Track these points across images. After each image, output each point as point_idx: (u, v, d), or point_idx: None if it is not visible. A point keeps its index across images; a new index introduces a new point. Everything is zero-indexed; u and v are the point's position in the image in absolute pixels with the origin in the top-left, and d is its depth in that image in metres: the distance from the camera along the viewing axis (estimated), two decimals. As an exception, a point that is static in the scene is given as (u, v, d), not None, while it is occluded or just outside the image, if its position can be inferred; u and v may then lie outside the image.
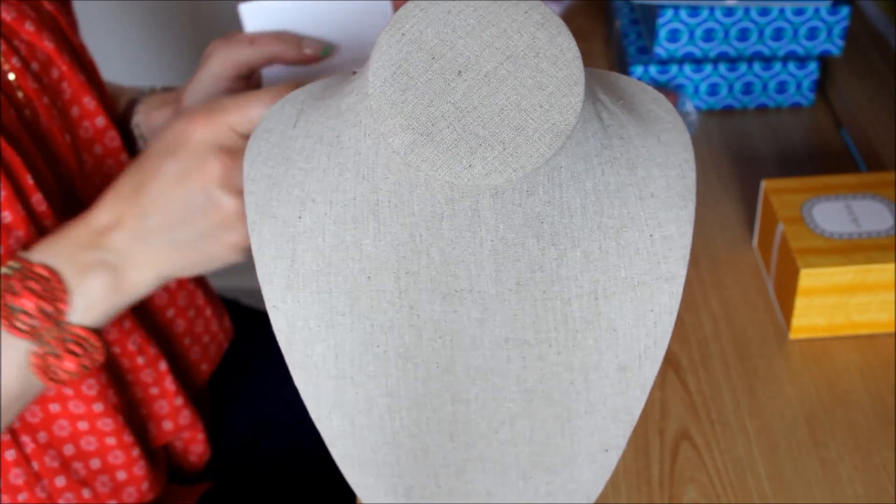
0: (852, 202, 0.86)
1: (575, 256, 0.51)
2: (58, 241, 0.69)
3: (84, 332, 0.69)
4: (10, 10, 0.77)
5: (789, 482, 0.74)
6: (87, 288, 0.68)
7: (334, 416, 0.57)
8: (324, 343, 0.54)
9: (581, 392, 0.55)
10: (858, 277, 0.80)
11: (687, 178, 0.54)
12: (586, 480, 0.59)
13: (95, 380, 0.79)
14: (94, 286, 0.68)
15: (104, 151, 0.83)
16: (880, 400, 0.79)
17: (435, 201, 0.49)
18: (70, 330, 0.68)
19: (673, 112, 0.56)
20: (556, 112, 0.47)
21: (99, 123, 0.82)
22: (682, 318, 0.86)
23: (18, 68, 0.76)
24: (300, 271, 0.53)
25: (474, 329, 0.53)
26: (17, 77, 0.76)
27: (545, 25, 0.49)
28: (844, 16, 1.03)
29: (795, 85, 1.09)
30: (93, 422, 0.79)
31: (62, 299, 0.68)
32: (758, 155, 1.04)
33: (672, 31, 1.04)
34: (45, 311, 0.67)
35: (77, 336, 0.69)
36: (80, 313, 0.68)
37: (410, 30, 0.48)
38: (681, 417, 0.78)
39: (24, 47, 0.77)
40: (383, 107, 0.47)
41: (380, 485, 0.60)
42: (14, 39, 0.77)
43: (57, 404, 0.79)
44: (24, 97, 0.77)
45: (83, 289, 0.68)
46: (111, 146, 0.83)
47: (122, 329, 0.81)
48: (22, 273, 0.67)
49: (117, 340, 0.82)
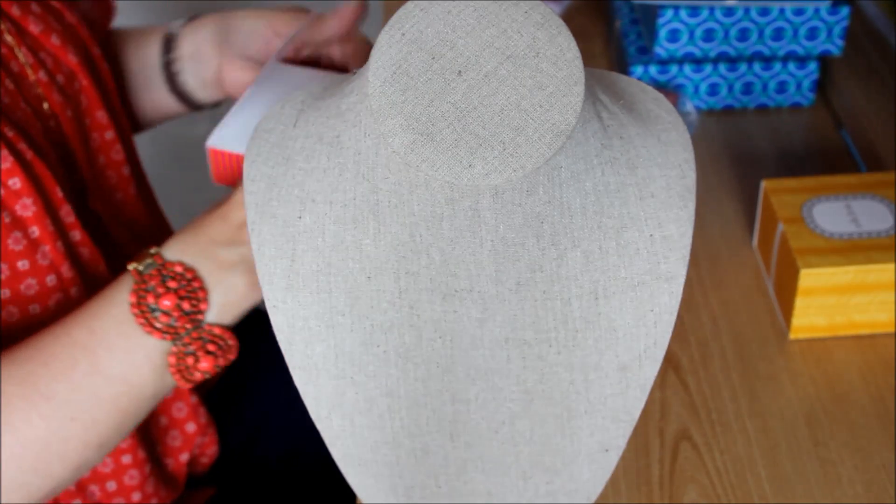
0: (852, 202, 0.86)
1: (575, 256, 0.51)
2: (194, 237, 0.68)
3: (220, 332, 0.68)
4: (37, 22, 0.76)
5: (789, 482, 0.73)
6: (226, 286, 0.67)
7: (334, 416, 0.57)
8: (324, 343, 0.54)
9: (581, 392, 0.55)
10: (858, 277, 0.80)
11: (687, 178, 0.54)
12: (586, 480, 0.59)
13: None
14: (233, 285, 0.67)
15: (107, 163, 0.83)
16: (880, 400, 0.79)
17: (435, 201, 0.49)
18: (208, 330, 0.67)
19: (673, 112, 0.56)
20: (556, 112, 0.47)
21: (107, 136, 0.83)
22: (682, 318, 0.86)
23: (45, 81, 0.76)
24: (300, 271, 0.53)
25: (474, 329, 0.53)
26: (44, 89, 0.76)
27: (545, 25, 0.49)
28: (844, 16, 1.03)
29: (795, 85, 1.09)
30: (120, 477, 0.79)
31: (202, 298, 0.67)
32: (758, 155, 1.04)
33: (672, 31, 1.04)
34: (185, 311, 0.66)
35: (214, 336, 0.68)
36: (218, 312, 0.67)
37: (410, 30, 0.48)
38: (681, 417, 0.78)
39: (50, 60, 0.77)
40: (383, 107, 0.47)
41: (380, 485, 0.60)
42: (41, 52, 0.77)
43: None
44: (49, 109, 0.76)
45: (222, 287, 0.67)
46: (115, 159, 0.84)
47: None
48: (159, 271, 0.66)
49: None
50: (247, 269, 0.67)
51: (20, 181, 0.69)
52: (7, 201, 0.69)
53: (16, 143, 0.70)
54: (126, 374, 0.67)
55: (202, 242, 0.68)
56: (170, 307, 0.66)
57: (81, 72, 0.79)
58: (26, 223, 0.70)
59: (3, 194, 0.69)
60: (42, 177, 0.71)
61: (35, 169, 0.71)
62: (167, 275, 0.66)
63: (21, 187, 0.69)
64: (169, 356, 0.67)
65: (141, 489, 0.80)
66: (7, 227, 0.69)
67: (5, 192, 0.69)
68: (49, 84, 0.77)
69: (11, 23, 0.75)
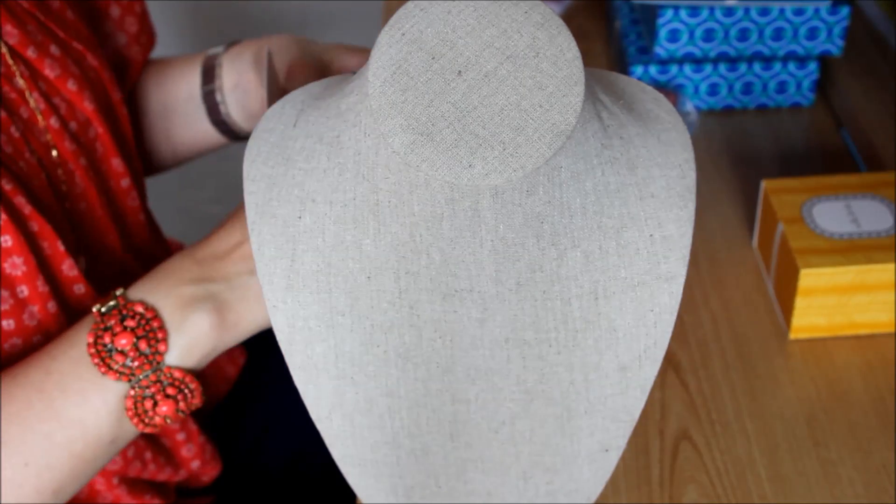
0: (852, 202, 0.86)
1: (575, 256, 0.51)
2: (161, 277, 0.66)
3: (181, 375, 0.65)
4: (54, 66, 0.74)
5: (789, 482, 0.73)
6: (189, 326, 0.64)
7: (334, 416, 0.57)
8: (324, 343, 0.54)
9: (581, 392, 0.55)
10: (858, 277, 0.80)
11: (687, 178, 0.54)
12: (586, 480, 0.59)
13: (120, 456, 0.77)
14: (197, 324, 0.64)
15: (125, 210, 0.82)
16: (880, 400, 0.79)
17: (435, 201, 0.49)
18: (167, 372, 0.64)
19: (673, 112, 0.56)
20: (556, 112, 0.47)
21: (124, 184, 0.81)
22: (682, 318, 0.86)
23: (56, 128, 0.74)
24: (300, 271, 0.53)
25: (474, 329, 0.53)
26: (54, 136, 0.74)
27: (545, 25, 0.49)
28: (844, 16, 1.03)
29: (795, 85, 1.09)
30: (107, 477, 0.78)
31: (160, 339, 0.64)
32: (758, 155, 1.04)
33: (672, 31, 1.04)
34: (142, 352, 0.64)
35: (174, 379, 0.65)
36: (179, 354, 0.64)
37: (410, 30, 0.48)
38: (681, 417, 0.78)
39: (64, 106, 0.75)
40: (383, 107, 0.47)
41: (380, 485, 0.60)
42: (55, 97, 0.75)
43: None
44: (59, 157, 0.74)
45: (184, 327, 0.64)
46: (131, 205, 0.82)
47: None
48: (119, 310, 0.64)
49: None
50: (211, 307, 0.65)
51: (11, 239, 0.67)
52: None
53: (12, 196, 0.68)
54: (81, 417, 0.64)
55: (168, 282, 0.65)
56: (126, 346, 0.64)
57: (97, 119, 0.77)
58: (14, 282, 0.68)
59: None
60: (40, 232, 0.69)
61: (30, 225, 0.69)
62: (126, 314, 0.64)
63: (12, 245, 0.67)
64: (126, 399, 0.65)
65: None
66: None
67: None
68: (60, 131, 0.74)
69: (25, 65, 0.73)
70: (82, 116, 0.77)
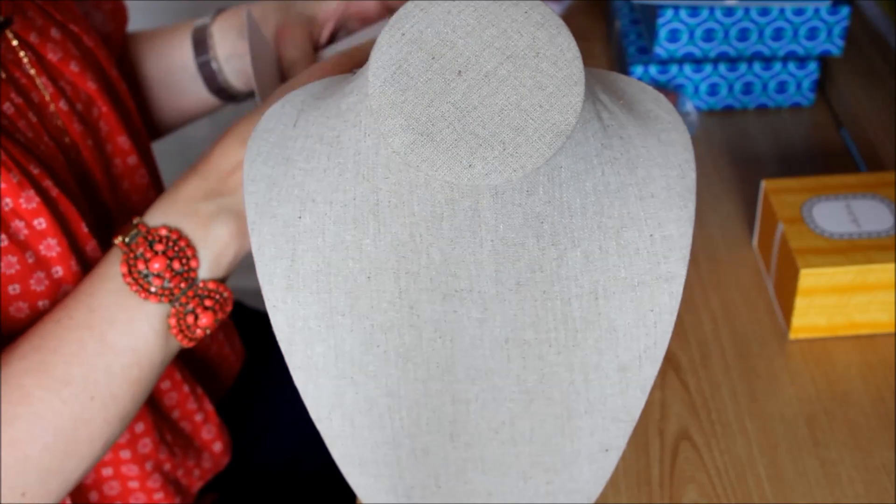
0: (852, 202, 0.86)
1: (575, 256, 0.51)
2: (173, 199, 0.68)
3: (215, 286, 0.68)
4: (56, 50, 0.76)
5: (789, 482, 0.73)
6: (213, 240, 0.67)
7: (334, 416, 0.57)
8: (324, 343, 0.54)
9: (581, 392, 0.55)
10: (858, 277, 0.80)
11: (687, 178, 0.54)
12: (586, 480, 0.59)
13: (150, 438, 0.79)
14: (220, 236, 0.68)
15: (131, 188, 0.83)
16: (880, 400, 0.79)
17: (435, 201, 0.49)
18: (203, 286, 0.68)
19: (673, 112, 0.56)
20: (556, 112, 0.47)
21: (130, 162, 0.83)
22: (682, 318, 0.86)
23: (66, 111, 0.76)
24: (300, 271, 0.53)
25: (474, 329, 0.53)
26: (64, 119, 0.76)
27: (545, 25, 0.49)
28: (844, 16, 1.03)
29: (795, 85, 1.09)
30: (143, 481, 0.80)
31: (191, 256, 0.67)
32: (758, 155, 1.04)
33: (672, 31, 1.04)
34: (177, 272, 0.67)
35: (210, 290, 0.68)
36: (210, 267, 0.68)
37: (410, 30, 0.48)
38: (681, 417, 0.78)
39: (69, 88, 0.77)
40: (383, 107, 0.47)
41: (380, 485, 0.60)
42: (60, 80, 0.76)
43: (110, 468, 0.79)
44: (70, 141, 0.76)
45: (209, 242, 0.67)
46: (140, 183, 0.84)
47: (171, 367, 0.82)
48: (145, 238, 0.67)
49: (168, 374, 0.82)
50: (228, 218, 0.68)
51: (45, 221, 0.69)
52: (32, 242, 0.69)
53: (41, 180, 0.70)
54: (133, 344, 0.67)
55: (181, 202, 0.68)
56: (161, 269, 0.66)
57: (101, 98, 0.79)
58: (50, 263, 0.70)
59: (28, 234, 0.69)
60: (67, 214, 0.71)
61: (60, 207, 0.71)
62: (153, 240, 0.67)
63: (46, 227, 0.69)
64: (169, 318, 0.68)
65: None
66: (30, 267, 0.69)
67: (30, 233, 0.69)
68: (69, 114, 0.76)
69: (32, 51, 0.74)
70: (85, 96, 0.78)
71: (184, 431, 0.85)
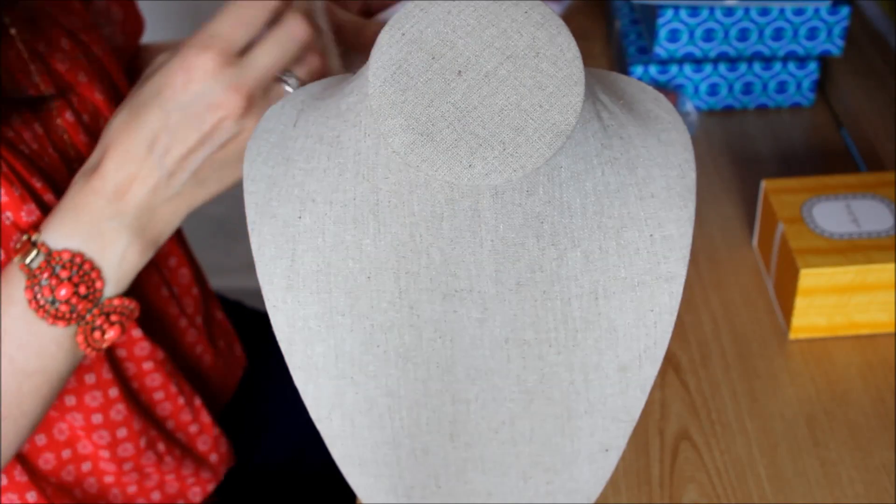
0: (852, 202, 0.86)
1: (575, 256, 0.51)
2: (75, 218, 0.67)
3: (120, 301, 0.68)
4: (65, 59, 0.76)
5: (789, 482, 0.74)
6: (118, 260, 0.67)
7: (334, 416, 0.57)
8: (324, 343, 0.54)
9: (581, 392, 0.55)
10: (858, 277, 0.80)
11: (687, 178, 0.54)
12: (586, 480, 0.59)
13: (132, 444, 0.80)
14: (125, 255, 0.67)
15: None
16: (880, 400, 0.79)
17: (435, 201, 0.49)
18: (108, 304, 0.68)
19: (673, 112, 0.56)
20: (556, 112, 0.47)
21: None
22: (682, 318, 0.86)
23: (71, 122, 0.75)
24: (300, 271, 0.53)
25: (474, 329, 0.53)
26: (70, 131, 0.75)
27: (545, 25, 0.49)
28: (844, 16, 1.03)
29: (795, 85, 1.09)
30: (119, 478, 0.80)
31: (96, 278, 0.67)
32: (758, 155, 1.04)
33: (672, 31, 1.04)
34: (83, 295, 0.67)
35: (115, 307, 0.68)
36: (115, 285, 0.68)
37: (410, 30, 0.48)
38: (681, 417, 0.78)
39: (76, 99, 0.76)
40: (383, 107, 0.47)
41: (380, 485, 0.60)
42: (67, 92, 0.76)
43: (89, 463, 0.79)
44: (76, 153, 0.76)
45: (114, 262, 0.67)
46: None
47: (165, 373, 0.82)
48: (48, 263, 0.66)
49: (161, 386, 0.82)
50: (131, 235, 0.67)
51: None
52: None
53: (43, 194, 0.70)
54: (42, 365, 0.68)
55: (84, 224, 0.67)
56: (67, 295, 0.66)
57: (108, 109, 0.78)
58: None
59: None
60: None
61: None
62: (57, 265, 0.66)
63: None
64: (77, 336, 0.68)
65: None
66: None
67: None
68: (75, 125, 0.76)
69: (40, 61, 0.74)
70: (92, 107, 0.78)
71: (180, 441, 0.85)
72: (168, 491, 0.84)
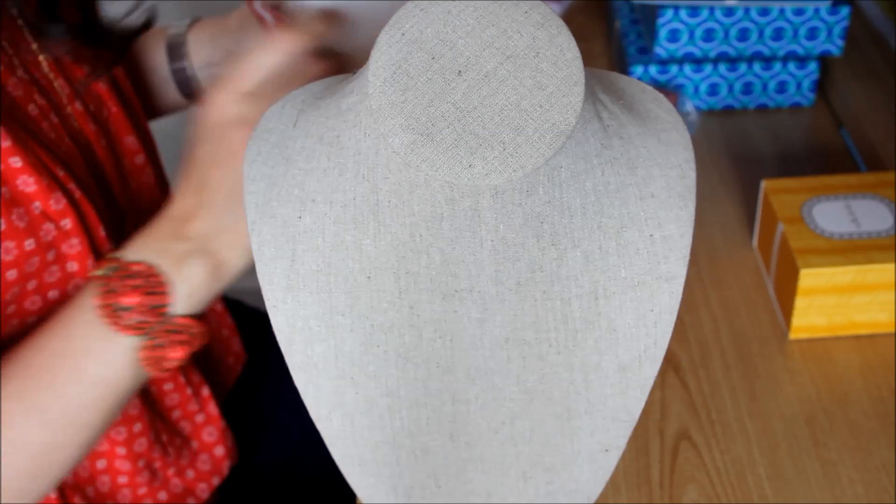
0: (852, 202, 0.86)
1: (575, 256, 0.51)
2: (147, 237, 0.70)
3: (187, 321, 0.69)
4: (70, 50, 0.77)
5: (789, 482, 0.74)
6: (187, 277, 0.68)
7: (334, 416, 0.57)
8: (324, 343, 0.54)
9: (581, 392, 0.55)
10: (858, 277, 0.80)
11: (687, 178, 0.54)
12: (586, 480, 0.59)
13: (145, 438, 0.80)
14: (194, 274, 0.68)
15: (139, 187, 0.85)
16: (880, 400, 0.79)
17: (435, 201, 0.49)
18: (175, 321, 0.69)
19: (673, 112, 0.56)
20: (556, 112, 0.47)
21: (138, 161, 0.84)
22: (682, 318, 0.86)
23: (80, 111, 0.77)
24: (300, 271, 0.53)
25: (474, 329, 0.53)
26: (79, 120, 0.77)
27: (545, 25, 0.49)
28: (844, 16, 1.03)
29: (795, 85, 1.09)
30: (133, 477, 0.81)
31: (165, 292, 0.68)
32: (758, 155, 1.04)
33: (672, 31, 1.04)
34: (151, 306, 0.68)
35: (181, 326, 0.69)
36: (183, 303, 0.69)
37: (410, 30, 0.48)
38: (681, 417, 0.78)
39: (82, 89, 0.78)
40: (383, 107, 0.47)
41: (380, 485, 0.60)
42: (74, 82, 0.77)
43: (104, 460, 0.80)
44: (86, 141, 0.78)
45: (183, 278, 0.68)
46: (147, 182, 0.85)
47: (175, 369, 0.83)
48: (120, 273, 0.68)
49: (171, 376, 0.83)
50: (200, 258, 0.69)
51: (71, 222, 0.71)
52: (57, 242, 0.71)
53: (66, 182, 0.72)
54: (106, 374, 0.69)
55: (154, 241, 0.69)
56: (134, 303, 0.67)
57: (110, 98, 0.80)
58: (66, 258, 0.73)
59: (56, 235, 0.71)
60: (88, 216, 0.73)
61: (83, 209, 0.73)
62: (128, 275, 0.68)
63: (71, 228, 0.71)
64: (140, 350, 0.69)
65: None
66: (47, 263, 0.71)
67: (57, 234, 0.71)
68: (84, 114, 0.77)
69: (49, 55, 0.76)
70: (96, 96, 0.80)
71: (182, 432, 0.86)
72: (174, 491, 0.84)
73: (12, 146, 0.68)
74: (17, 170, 0.69)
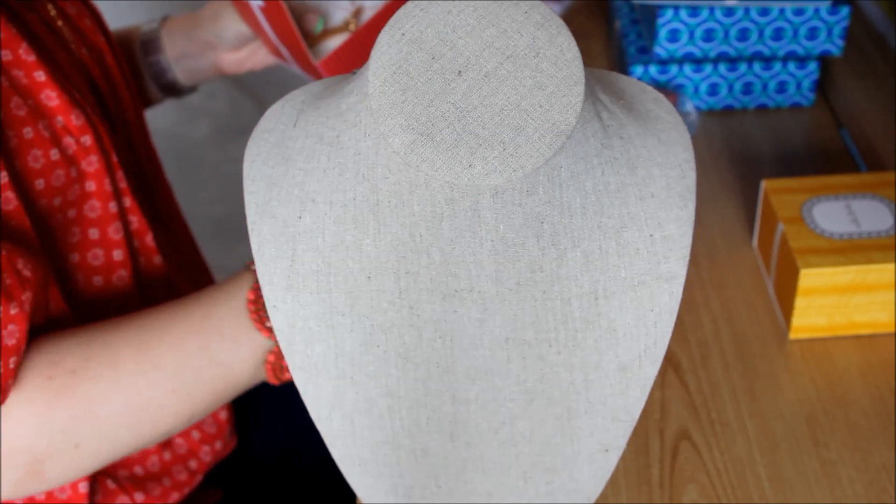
0: (852, 202, 0.86)
1: (575, 256, 0.51)
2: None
3: None
4: (73, 5, 0.81)
5: (789, 482, 0.74)
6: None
7: (334, 416, 0.57)
8: (324, 343, 0.54)
9: (581, 392, 0.55)
10: (858, 277, 0.80)
11: (687, 178, 0.54)
12: (586, 480, 0.59)
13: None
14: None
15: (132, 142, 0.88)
16: (880, 400, 0.79)
17: (435, 201, 0.49)
18: None
19: (673, 112, 0.56)
20: (556, 112, 0.47)
21: (129, 116, 0.88)
22: (682, 318, 0.86)
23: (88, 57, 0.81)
24: (300, 271, 0.53)
25: (474, 329, 0.53)
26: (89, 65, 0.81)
27: (545, 25, 0.49)
28: (844, 16, 1.03)
29: (795, 85, 1.09)
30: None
31: None
32: (758, 155, 1.04)
33: (672, 31, 1.04)
34: None
35: None
36: None
37: (410, 30, 0.48)
38: (681, 417, 0.78)
39: (86, 40, 0.82)
40: (383, 107, 0.47)
41: (380, 485, 0.60)
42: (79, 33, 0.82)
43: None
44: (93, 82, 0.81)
45: None
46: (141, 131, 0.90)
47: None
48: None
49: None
50: None
51: (90, 139, 0.74)
52: (77, 157, 0.74)
53: (84, 104, 0.74)
54: (230, 362, 0.70)
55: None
56: None
57: (108, 52, 0.84)
58: (86, 177, 0.75)
59: (76, 150, 0.73)
60: (103, 138, 0.76)
61: (99, 130, 0.75)
62: None
63: (91, 145, 0.74)
64: (269, 354, 0.70)
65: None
66: (72, 180, 0.74)
67: (77, 149, 0.73)
68: (91, 60, 0.81)
69: (53, 4, 0.80)
70: (97, 48, 0.84)
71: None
72: (178, 451, 0.85)
73: (36, 61, 0.71)
74: (41, 84, 0.71)
